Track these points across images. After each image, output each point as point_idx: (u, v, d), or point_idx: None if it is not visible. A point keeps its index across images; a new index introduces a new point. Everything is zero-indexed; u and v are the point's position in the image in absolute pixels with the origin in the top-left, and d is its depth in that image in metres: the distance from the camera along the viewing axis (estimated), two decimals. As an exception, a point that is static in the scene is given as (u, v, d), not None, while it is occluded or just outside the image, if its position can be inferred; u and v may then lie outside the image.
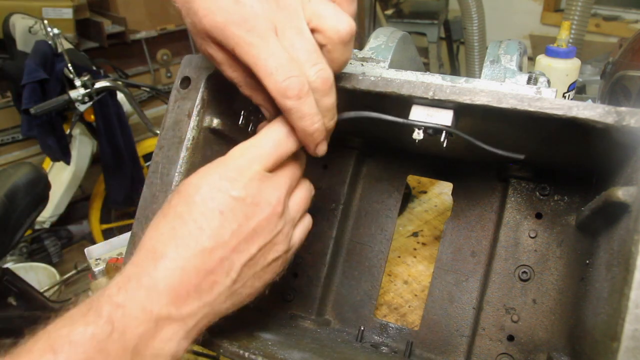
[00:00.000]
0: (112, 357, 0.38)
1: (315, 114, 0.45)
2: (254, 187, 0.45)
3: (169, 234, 0.43)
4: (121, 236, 1.19)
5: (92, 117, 2.15)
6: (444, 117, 0.49)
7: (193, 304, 0.42)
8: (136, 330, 0.39)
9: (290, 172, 0.49)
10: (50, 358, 0.36)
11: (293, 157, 0.50)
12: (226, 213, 0.43)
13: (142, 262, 0.42)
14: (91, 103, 1.94)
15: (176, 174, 0.56)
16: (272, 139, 0.48)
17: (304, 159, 0.53)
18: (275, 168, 0.48)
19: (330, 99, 0.47)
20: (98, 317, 0.38)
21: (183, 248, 0.42)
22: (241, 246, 0.44)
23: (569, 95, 1.14)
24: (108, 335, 0.38)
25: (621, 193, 0.42)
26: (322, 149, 0.49)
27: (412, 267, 0.94)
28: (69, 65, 1.91)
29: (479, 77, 0.59)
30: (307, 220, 0.54)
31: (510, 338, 0.62)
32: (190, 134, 0.57)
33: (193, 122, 0.57)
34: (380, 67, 0.63)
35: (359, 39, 4.40)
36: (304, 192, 0.52)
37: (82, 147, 2.33)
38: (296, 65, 0.43)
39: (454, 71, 3.55)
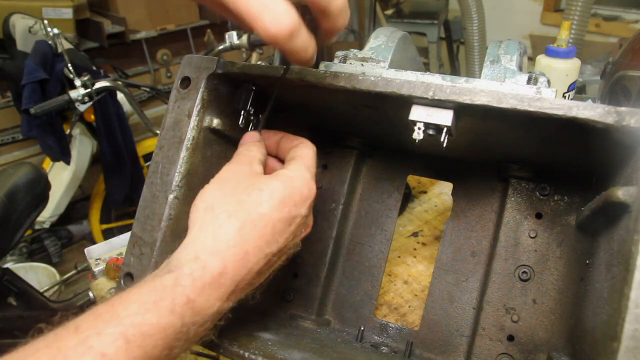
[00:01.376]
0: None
1: (307, 45, 0.46)
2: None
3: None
4: (121, 236, 1.19)
5: (92, 117, 2.15)
6: (444, 117, 0.49)
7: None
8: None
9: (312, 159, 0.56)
10: (123, 344, 0.38)
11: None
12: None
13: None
14: (91, 103, 1.94)
15: (176, 174, 0.56)
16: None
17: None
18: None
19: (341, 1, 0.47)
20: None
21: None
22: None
23: (569, 95, 1.14)
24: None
25: (621, 193, 0.42)
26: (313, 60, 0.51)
27: (412, 267, 0.94)
28: (69, 65, 1.91)
29: (479, 77, 0.59)
30: None
31: (510, 338, 0.62)
32: (190, 134, 0.57)
33: (193, 122, 0.57)
34: (380, 67, 0.63)
35: (359, 39, 4.41)
36: None
37: (82, 147, 2.33)
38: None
39: (454, 71, 3.55)
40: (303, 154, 0.55)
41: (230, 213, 0.47)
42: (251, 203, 0.47)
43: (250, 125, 0.60)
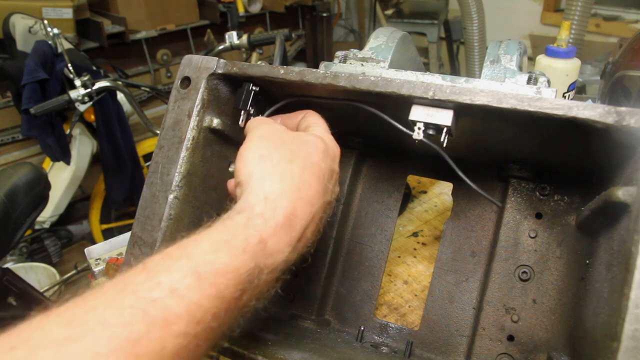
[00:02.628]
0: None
1: None
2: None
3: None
4: (121, 236, 1.19)
5: (92, 117, 2.15)
6: (444, 117, 0.49)
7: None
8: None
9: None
10: (194, 282, 0.37)
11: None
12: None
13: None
14: (91, 103, 1.94)
15: (176, 174, 0.56)
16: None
17: None
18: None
19: None
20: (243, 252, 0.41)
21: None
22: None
23: (569, 95, 1.14)
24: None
25: (621, 193, 0.42)
26: None
27: (412, 267, 0.94)
28: (69, 65, 1.91)
29: (479, 77, 0.59)
30: None
31: (510, 338, 0.62)
32: (190, 134, 0.57)
33: (193, 122, 0.57)
34: (380, 67, 0.63)
35: (359, 39, 4.41)
36: None
37: (82, 147, 2.33)
38: None
39: (454, 71, 3.55)
40: (315, 121, 0.55)
41: (289, 160, 0.47)
42: (303, 152, 0.48)
43: (250, 125, 0.60)
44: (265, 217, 0.43)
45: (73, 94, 1.87)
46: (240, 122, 0.59)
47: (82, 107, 1.94)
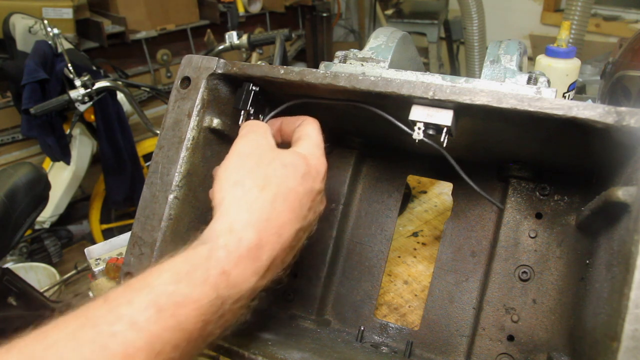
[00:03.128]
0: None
1: None
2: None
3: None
4: (121, 236, 1.19)
5: (92, 117, 2.15)
6: (444, 117, 0.49)
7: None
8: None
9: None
10: (154, 313, 0.37)
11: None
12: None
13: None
14: (91, 103, 1.94)
15: (176, 174, 0.56)
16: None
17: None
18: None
19: None
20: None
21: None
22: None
23: (569, 95, 1.14)
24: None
25: (621, 193, 0.42)
26: None
27: (412, 267, 0.94)
28: (69, 65, 1.91)
29: (479, 77, 0.59)
30: None
31: (510, 338, 0.62)
32: (190, 134, 0.57)
33: (193, 122, 0.57)
34: (380, 67, 0.63)
35: (359, 39, 4.41)
36: None
37: (82, 147, 2.33)
38: None
39: (454, 71, 3.55)
40: (308, 132, 0.54)
41: (261, 187, 0.46)
42: (278, 177, 0.47)
43: (250, 125, 0.60)
44: (228, 249, 0.42)
45: (73, 94, 1.87)
46: (240, 122, 0.59)
47: (82, 107, 1.94)
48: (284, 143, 0.59)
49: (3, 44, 2.23)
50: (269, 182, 0.47)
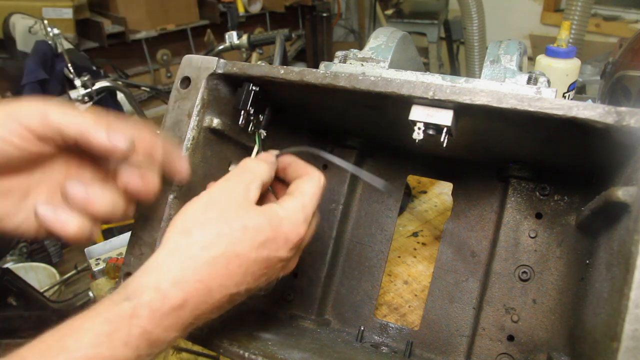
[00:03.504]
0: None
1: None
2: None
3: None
4: (121, 236, 1.19)
5: (92, 117, 2.15)
6: (444, 117, 0.49)
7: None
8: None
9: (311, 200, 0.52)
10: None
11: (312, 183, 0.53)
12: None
13: None
14: (91, 103, 1.94)
15: (176, 174, 0.56)
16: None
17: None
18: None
19: None
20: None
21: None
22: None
23: (569, 95, 1.14)
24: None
25: (621, 193, 0.42)
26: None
27: (412, 267, 0.94)
28: (69, 65, 1.91)
29: (479, 77, 0.59)
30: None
31: (510, 338, 0.62)
32: (190, 134, 0.57)
33: (193, 122, 0.57)
34: (380, 67, 0.63)
35: (359, 39, 4.41)
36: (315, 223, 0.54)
37: (82, 147, 2.32)
38: None
39: (454, 71, 3.55)
40: (305, 190, 0.51)
41: (205, 245, 0.44)
42: (231, 238, 0.45)
43: (250, 125, 0.60)
44: (152, 307, 0.41)
45: (73, 94, 1.87)
46: (240, 122, 0.59)
47: (82, 107, 1.94)
48: (284, 181, 0.57)
49: (3, 44, 2.23)
50: (218, 241, 0.44)
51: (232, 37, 1.90)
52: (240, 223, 0.46)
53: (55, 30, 1.97)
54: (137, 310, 0.40)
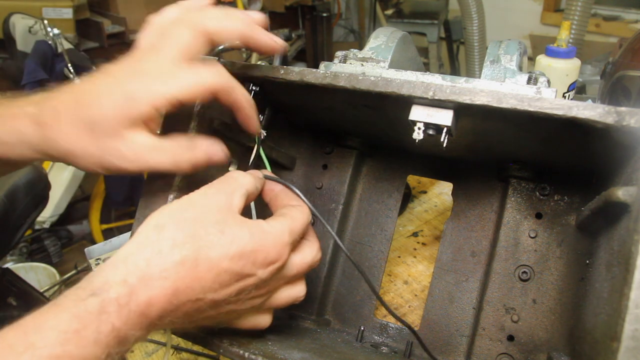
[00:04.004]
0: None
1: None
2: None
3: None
4: (121, 236, 1.18)
5: (92, 117, 2.15)
6: (444, 117, 0.49)
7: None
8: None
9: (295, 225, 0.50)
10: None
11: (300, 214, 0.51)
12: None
13: None
14: (91, 103, 1.94)
15: (176, 174, 0.56)
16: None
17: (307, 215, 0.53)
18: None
19: None
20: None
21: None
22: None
23: (569, 95, 1.14)
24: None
25: (621, 193, 0.42)
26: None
27: (412, 267, 0.94)
28: (69, 65, 1.91)
29: (479, 77, 0.59)
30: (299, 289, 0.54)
31: (510, 338, 0.62)
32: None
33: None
34: (380, 67, 0.63)
35: (359, 39, 4.41)
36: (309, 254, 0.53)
37: (82, 147, 2.32)
38: None
39: (454, 71, 3.55)
40: (295, 217, 0.50)
41: (177, 243, 0.42)
42: (205, 241, 0.43)
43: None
44: (119, 302, 0.39)
45: (73, 94, 1.87)
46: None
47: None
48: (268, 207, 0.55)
49: (3, 44, 2.23)
50: (191, 240, 0.42)
51: (232, 37, 1.90)
52: (218, 228, 0.44)
53: (55, 30, 1.98)
54: (105, 307, 0.38)
